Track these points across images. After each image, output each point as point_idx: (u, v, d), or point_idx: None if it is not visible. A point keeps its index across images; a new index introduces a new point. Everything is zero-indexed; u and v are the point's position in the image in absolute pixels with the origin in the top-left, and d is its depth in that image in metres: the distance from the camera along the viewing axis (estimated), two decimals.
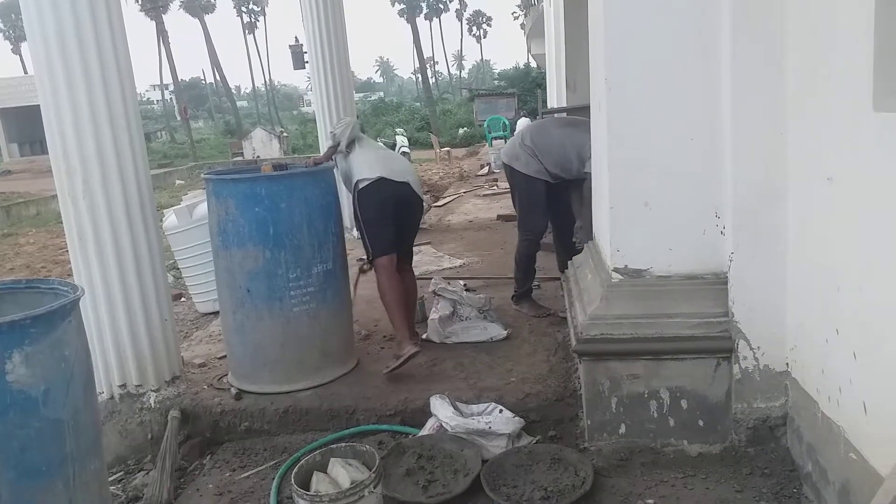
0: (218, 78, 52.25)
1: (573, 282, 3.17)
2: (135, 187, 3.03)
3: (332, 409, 3.08)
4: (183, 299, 5.83)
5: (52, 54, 2.81)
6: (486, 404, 2.90)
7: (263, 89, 66.70)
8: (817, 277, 2.13)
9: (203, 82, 69.56)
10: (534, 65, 32.05)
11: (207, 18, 52.20)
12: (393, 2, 63.66)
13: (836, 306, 1.99)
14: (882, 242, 1.72)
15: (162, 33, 48.25)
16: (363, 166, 3.48)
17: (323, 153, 3.75)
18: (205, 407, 3.18)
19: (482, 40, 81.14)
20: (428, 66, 59.34)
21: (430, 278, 4.48)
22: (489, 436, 2.68)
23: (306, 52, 6.79)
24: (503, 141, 14.90)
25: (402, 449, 2.71)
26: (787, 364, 2.42)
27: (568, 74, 7.65)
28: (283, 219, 3.16)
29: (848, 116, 1.85)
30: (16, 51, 64.45)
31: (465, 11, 75.73)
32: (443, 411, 2.79)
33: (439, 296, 3.89)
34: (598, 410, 2.63)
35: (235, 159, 24.81)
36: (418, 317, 3.90)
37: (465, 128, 29.20)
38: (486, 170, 14.02)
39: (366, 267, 3.64)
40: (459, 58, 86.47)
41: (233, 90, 59.10)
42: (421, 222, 3.89)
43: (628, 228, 2.61)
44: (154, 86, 68.05)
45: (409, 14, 61.27)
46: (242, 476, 2.80)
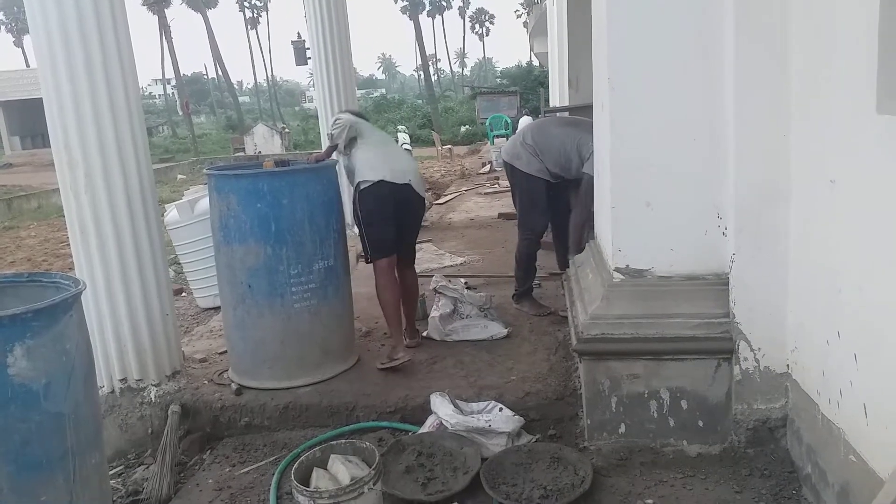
0: (220, 73, 52.21)
1: (574, 281, 3.17)
2: (137, 181, 3.03)
3: (332, 406, 3.09)
4: (184, 294, 5.84)
5: (55, 47, 2.81)
6: (486, 402, 2.91)
7: (265, 85, 66.66)
8: (819, 279, 2.12)
9: (205, 77, 69.64)
10: (536, 63, 32.05)
11: (210, 13, 52.17)
12: None
13: (838, 308, 1.99)
14: (884, 245, 1.72)
15: (164, 28, 48.23)
16: (365, 166, 3.44)
17: (323, 150, 3.73)
18: (205, 402, 3.18)
19: (485, 38, 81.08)
20: (430, 63, 59.23)
21: (432, 276, 4.49)
22: (489, 434, 2.69)
23: (309, 48, 6.78)
24: (505, 139, 14.89)
25: (402, 446, 2.71)
26: (788, 365, 2.42)
27: (571, 73, 7.65)
28: (285, 215, 3.16)
29: (851, 118, 1.85)
30: (18, 43, 64.42)
31: (467, 9, 75.72)
32: (443, 409, 2.79)
33: (440, 293, 3.90)
34: (597, 410, 2.63)
35: (237, 155, 24.83)
36: (419, 314, 3.90)
37: (467, 126, 29.15)
38: (487, 168, 13.99)
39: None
40: (462, 55, 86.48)
41: (235, 85, 59.03)
42: (423, 220, 3.88)
43: (630, 228, 2.61)
44: (156, 80, 68.02)
45: (412, 11, 61.16)
46: (242, 471, 2.80)
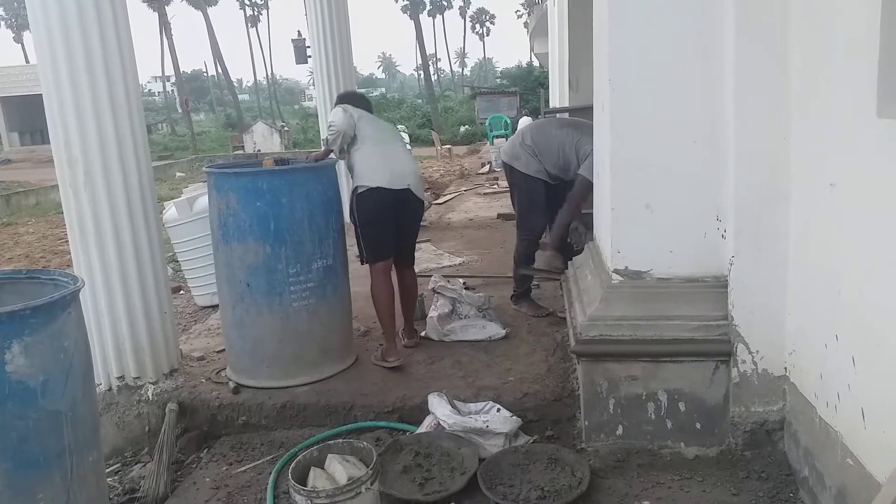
0: (220, 71, 52.09)
1: (573, 282, 3.17)
2: (136, 179, 3.03)
3: (330, 405, 3.08)
4: (182, 292, 5.83)
5: (56, 43, 2.80)
6: (483, 403, 2.91)
7: (265, 83, 66.65)
8: (818, 282, 2.13)
9: (205, 75, 69.56)
10: (536, 64, 32.02)
11: (210, 11, 52.02)
12: None
13: (837, 311, 1.99)
14: (883, 248, 1.72)
15: (164, 25, 48.15)
16: (363, 170, 3.39)
17: (322, 150, 3.67)
18: (203, 400, 3.18)
19: (485, 38, 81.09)
20: (430, 63, 59.15)
21: (430, 276, 4.49)
22: (486, 434, 2.68)
23: (309, 47, 6.78)
24: (504, 140, 14.88)
25: (400, 446, 2.71)
26: (786, 368, 2.42)
27: (571, 74, 7.64)
28: (285, 214, 3.16)
29: (851, 121, 1.85)
30: (18, 39, 64.36)
31: (468, 9, 75.72)
32: (440, 409, 2.79)
33: (439, 293, 3.90)
34: (595, 411, 2.63)
35: (236, 153, 24.78)
36: (418, 314, 3.90)
37: (467, 126, 29.12)
38: (486, 168, 13.99)
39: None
40: (462, 55, 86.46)
41: (234, 83, 58.87)
42: (422, 219, 3.86)
43: (629, 230, 2.61)
44: (156, 77, 67.94)
45: (413, 10, 61.12)
46: (239, 470, 2.80)
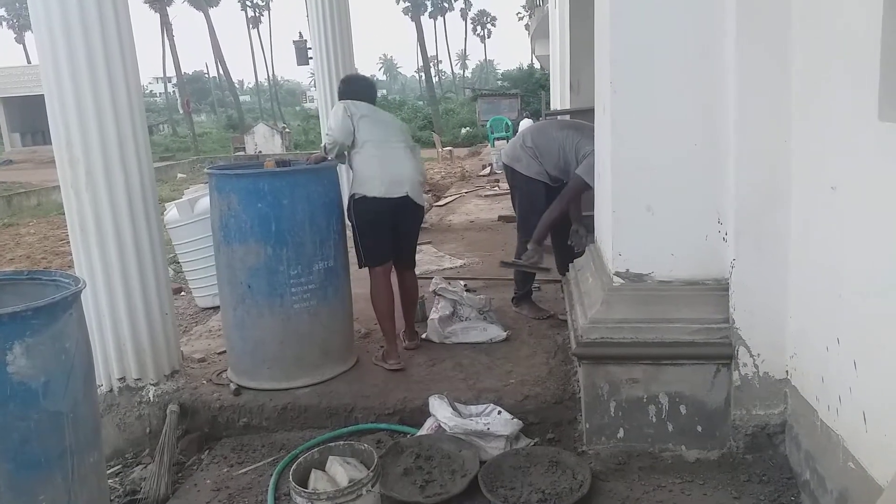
0: (221, 72, 52.07)
1: (574, 285, 3.17)
2: (137, 180, 3.03)
3: (331, 407, 3.08)
4: (183, 293, 5.83)
5: (58, 43, 2.80)
6: (484, 405, 2.91)
7: (266, 84, 66.68)
8: (819, 285, 2.12)
9: (206, 76, 69.58)
10: (538, 66, 32.07)
11: (211, 12, 52.02)
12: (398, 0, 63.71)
13: (838, 314, 1.99)
14: (885, 251, 1.72)
15: (166, 26, 48.15)
16: (360, 177, 3.35)
17: (319, 155, 3.57)
18: (204, 402, 3.18)
19: (486, 40, 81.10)
20: (431, 64, 59.20)
21: (431, 278, 4.48)
22: (487, 437, 2.68)
23: (310, 48, 6.78)
24: (505, 142, 14.88)
25: (401, 448, 2.71)
26: (787, 371, 2.42)
27: (572, 76, 7.64)
28: (286, 215, 3.16)
29: (852, 123, 1.85)
30: (19, 40, 64.38)
31: (469, 11, 75.76)
32: (441, 411, 2.79)
33: (440, 296, 3.90)
34: (596, 414, 2.63)
35: (237, 154, 24.82)
36: (419, 316, 3.90)
37: (468, 128, 29.13)
38: (487, 170, 13.99)
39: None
40: (463, 57, 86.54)
41: (236, 84, 58.84)
42: (422, 221, 3.84)
43: (630, 232, 2.61)
44: (157, 78, 67.97)
45: (414, 12, 61.22)
46: (240, 472, 2.80)
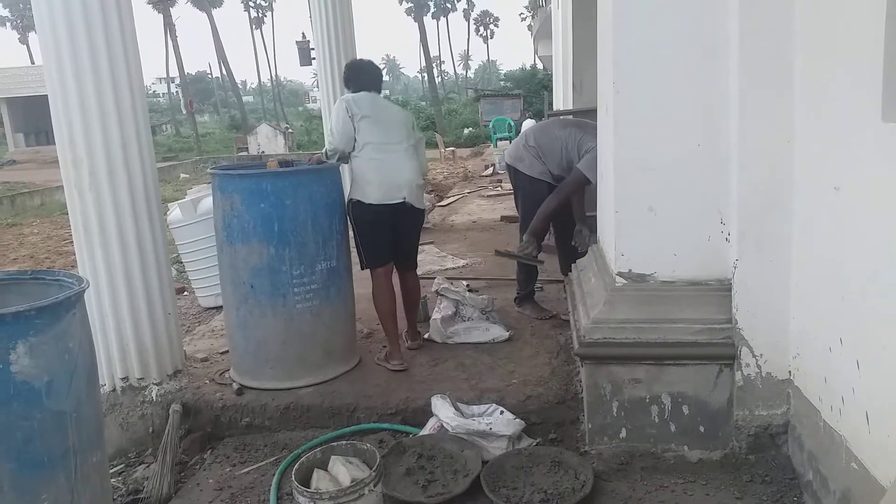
0: (224, 72, 52.23)
1: (576, 285, 3.17)
2: (141, 180, 3.03)
3: (334, 407, 3.09)
4: (186, 293, 5.84)
5: (61, 44, 2.81)
6: (487, 405, 2.91)
7: (269, 85, 66.73)
8: (822, 285, 2.12)
9: (209, 76, 69.65)
10: (540, 66, 32.02)
11: (215, 12, 52.14)
12: (400, 0, 63.72)
13: (841, 315, 1.99)
14: (888, 251, 1.72)
15: (169, 26, 48.22)
16: (359, 180, 3.35)
17: (319, 157, 3.55)
18: (206, 401, 3.19)
19: (489, 41, 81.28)
20: (434, 65, 59.20)
21: (434, 278, 4.48)
22: (490, 437, 2.68)
23: (313, 49, 6.79)
24: (508, 142, 14.87)
25: (403, 448, 2.71)
26: (790, 372, 2.41)
27: (575, 77, 7.65)
28: (289, 215, 3.16)
29: (855, 124, 1.84)
30: (23, 40, 64.54)
31: (472, 11, 75.77)
32: (444, 411, 2.79)
33: (442, 296, 3.90)
34: (599, 414, 2.63)
35: (240, 154, 24.85)
36: (421, 316, 3.90)
37: (471, 128, 29.13)
38: (490, 170, 13.99)
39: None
40: (466, 58, 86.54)
41: (239, 85, 58.86)
42: (424, 222, 3.84)
43: (633, 233, 2.61)
44: (160, 79, 68.10)
45: (417, 13, 61.18)
46: (243, 471, 2.80)
